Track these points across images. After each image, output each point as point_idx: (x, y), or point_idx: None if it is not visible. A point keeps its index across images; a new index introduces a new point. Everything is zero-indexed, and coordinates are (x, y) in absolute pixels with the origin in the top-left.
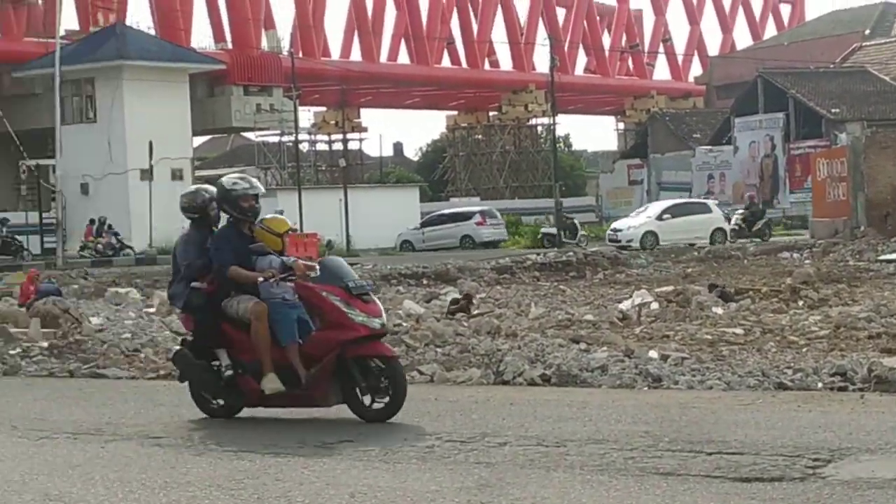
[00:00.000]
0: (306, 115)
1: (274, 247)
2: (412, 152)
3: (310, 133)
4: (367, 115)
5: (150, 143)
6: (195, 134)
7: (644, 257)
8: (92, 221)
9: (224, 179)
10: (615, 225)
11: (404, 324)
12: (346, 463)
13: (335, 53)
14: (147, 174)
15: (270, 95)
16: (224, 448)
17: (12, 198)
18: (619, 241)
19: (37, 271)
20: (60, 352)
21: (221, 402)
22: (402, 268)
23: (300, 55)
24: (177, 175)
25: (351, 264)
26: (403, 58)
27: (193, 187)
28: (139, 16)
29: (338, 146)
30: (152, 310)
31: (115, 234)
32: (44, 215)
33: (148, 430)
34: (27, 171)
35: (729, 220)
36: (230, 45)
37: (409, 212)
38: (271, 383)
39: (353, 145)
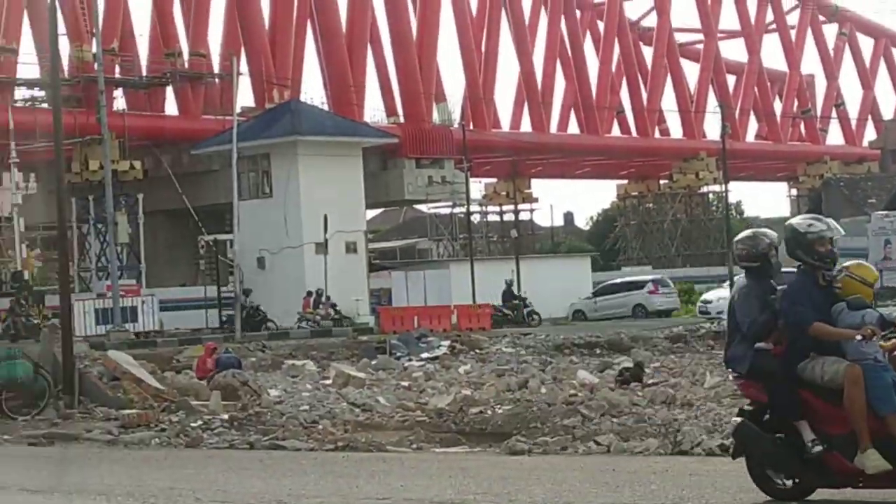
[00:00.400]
0: (477, 187)
1: (866, 298)
2: (583, 221)
3: (481, 204)
4: (538, 185)
5: (325, 217)
6: (368, 206)
7: None
8: (309, 293)
9: (796, 221)
10: (705, 296)
11: (579, 394)
12: None
13: (505, 124)
14: (322, 247)
15: (442, 167)
16: None
17: (191, 272)
18: (710, 314)
19: (214, 345)
20: (240, 424)
21: (798, 480)
22: (575, 337)
23: (471, 127)
24: (351, 248)
25: (524, 334)
26: (573, 127)
27: (750, 232)
28: (313, 92)
29: (509, 216)
30: (328, 382)
31: (333, 306)
32: (222, 289)
33: (328, 501)
34: (205, 246)
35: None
36: (402, 119)
37: (580, 281)
38: (874, 460)
39: (523, 215)
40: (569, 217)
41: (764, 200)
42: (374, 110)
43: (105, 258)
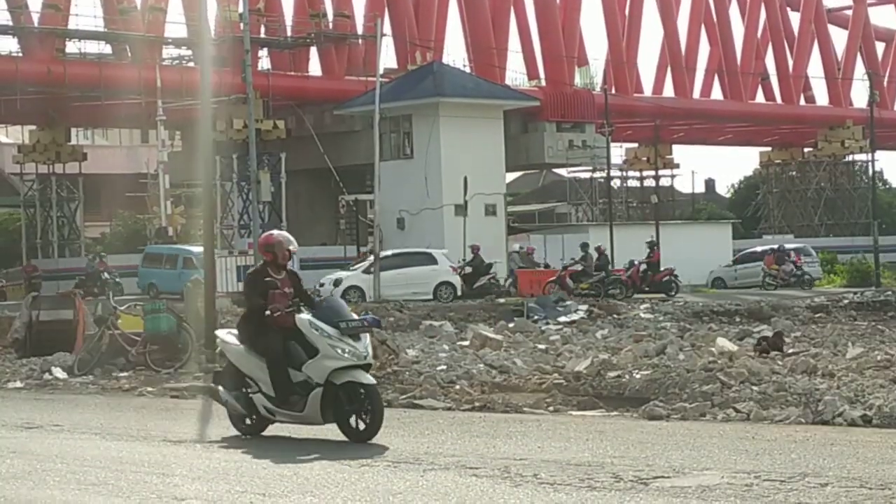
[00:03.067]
0: (618, 151)
1: None
2: (724, 189)
3: (621, 169)
4: (679, 152)
5: (465, 179)
6: (508, 170)
7: None
8: (772, 251)
9: None
10: None
11: (718, 361)
12: (663, 499)
13: (648, 89)
14: (461, 209)
15: (583, 132)
16: (541, 481)
17: (332, 232)
18: None
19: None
20: (379, 382)
21: None
22: (714, 305)
23: (613, 91)
24: (490, 210)
25: (662, 300)
26: (717, 93)
27: None
28: (455, 54)
29: (649, 182)
30: (466, 343)
31: (794, 263)
32: (361, 249)
33: (465, 460)
34: (346, 206)
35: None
36: (544, 82)
37: (721, 249)
38: None
39: (664, 181)
40: (710, 184)
41: None
42: (515, 73)
43: (247, 216)
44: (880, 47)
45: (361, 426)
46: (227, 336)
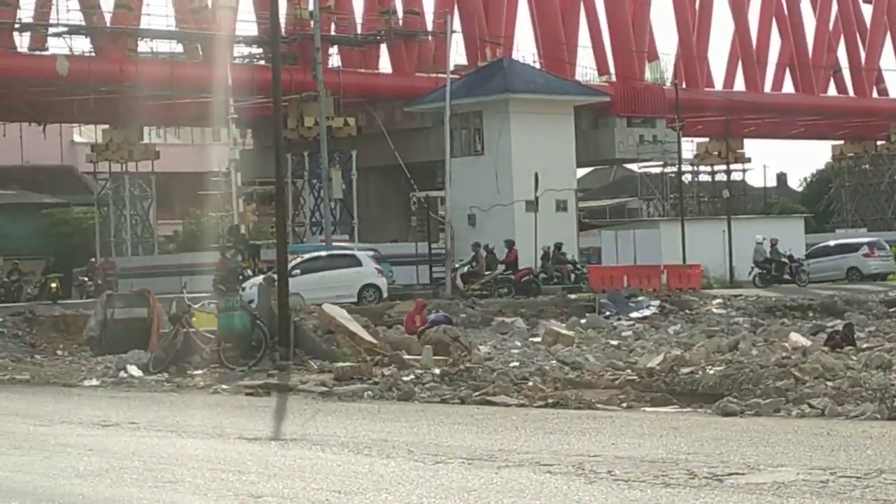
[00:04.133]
0: (689, 146)
1: None
2: (796, 182)
3: (692, 164)
4: (751, 146)
5: (536, 175)
6: (579, 165)
7: None
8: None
9: None
10: None
11: (792, 356)
12: (738, 496)
13: (718, 83)
14: (532, 205)
15: (653, 126)
16: (615, 478)
17: (403, 229)
18: None
19: (424, 301)
20: (451, 379)
21: None
22: (787, 300)
23: (683, 86)
24: (561, 206)
25: (735, 295)
26: (788, 87)
27: None
28: (525, 50)
29: (720, 177)
30: (538, 339)
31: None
32: (432, 245)
33: (539, 457)
34: (417, 203)
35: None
36: (614, 77)
37: (793, 243)
38: None
39: (735, 175)
40: (782, 178)
41: None
42: (585, 68)
43: (319, 213)
44: None
45: None
46: None
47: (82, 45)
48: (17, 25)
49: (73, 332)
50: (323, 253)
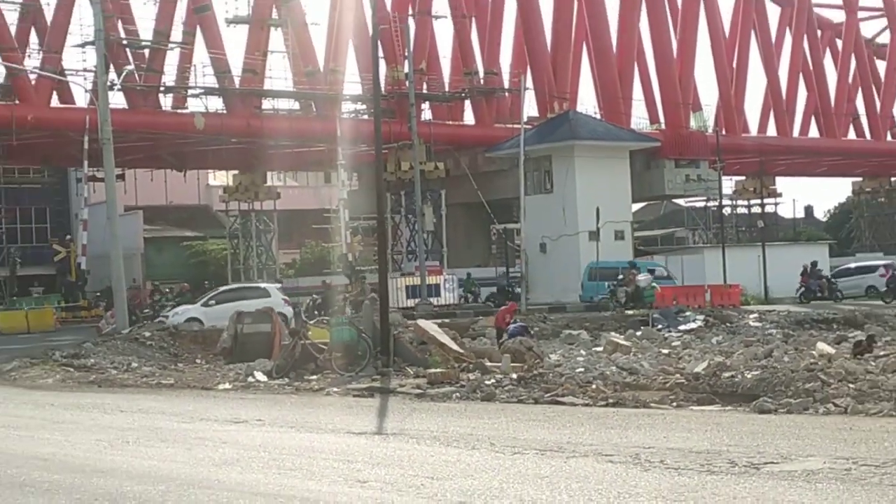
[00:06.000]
0: (728, 183)
1: None
2: (821, 214)
3: (731, 199)
4: (782, 182)
5: (597, 209)
6: (634, 201)
7: None
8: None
9: None
10: None
11: (818, 362)
12: (773, 482)
13: (753, 129)
14: (594, 235)
15: (697, 167)
16: (667, 466)
17: (485, 255)
18: None
19: (515, 304)
20: (526, 382)
21: None
22: (814, 314)
23: (723, 132)
24: (619, 236)
25: (769, 311)
26: (814, 132)
27: None
28: (587, 102)
29: (755, 209)
30: (600, 349)
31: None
32: (510, 270)
33: (601, 448)
34: (497, 234)
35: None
36: (663, 125)
37: (820, 266)
38: None
39: (769, 208)
40: (809, 210)
41: None
42: (639, 118)
43: (413, 243)
44: None
45: None
46: None
47: (216, 103)
48: (161, 88)
49: (209, 344)
50: (235, 286)
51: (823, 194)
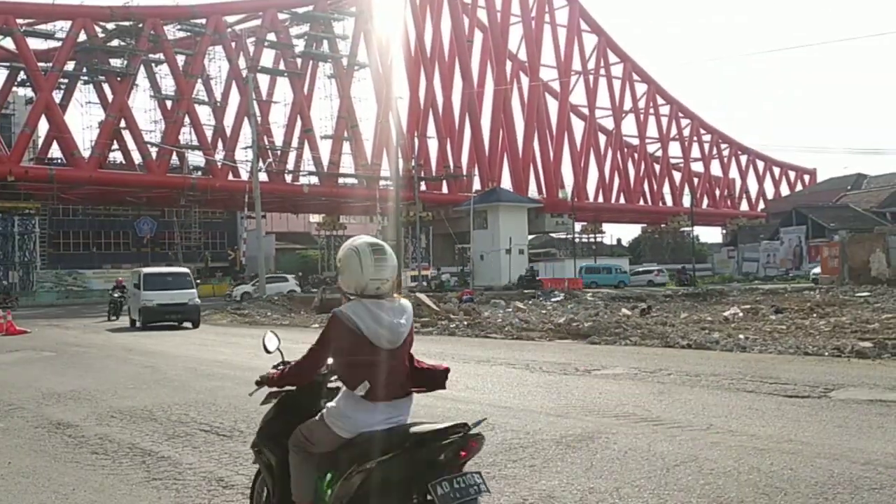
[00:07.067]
0: (578, 226)
1: None
2: (626, 242)
3: (578, 234)
4: (606, 226)
5: (510, 238)
6: (529, 234)
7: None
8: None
9: None
10: None
11: (622, 319)
12: (597, 379)
13: (591, 197)
14: (508, 252)
15: (562, 217)
16: (543, 371)
17: (451, 261)
18: None
19: (471, 291)
20: (472, 326)
21: None
22: (621, 294)
23: (576, 199)
24: (520, 252)
25: (597, 292)
26: (622, 199)
27: None
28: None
29: (591, 239)
30: (510, 310)
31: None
32: (464, 268)
33: (509, 361)
34: (458, 250)
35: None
36: (545, 194)
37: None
38: None
39: (599, 238)
40: (619, 240)
41: None
42: (533, 190)
43: (414, 254)
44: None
45: None
46: None
47: (314, 179)
48: (286, 171)
49: (307, 303)
50: (274, 274)
51: (627, 232)
